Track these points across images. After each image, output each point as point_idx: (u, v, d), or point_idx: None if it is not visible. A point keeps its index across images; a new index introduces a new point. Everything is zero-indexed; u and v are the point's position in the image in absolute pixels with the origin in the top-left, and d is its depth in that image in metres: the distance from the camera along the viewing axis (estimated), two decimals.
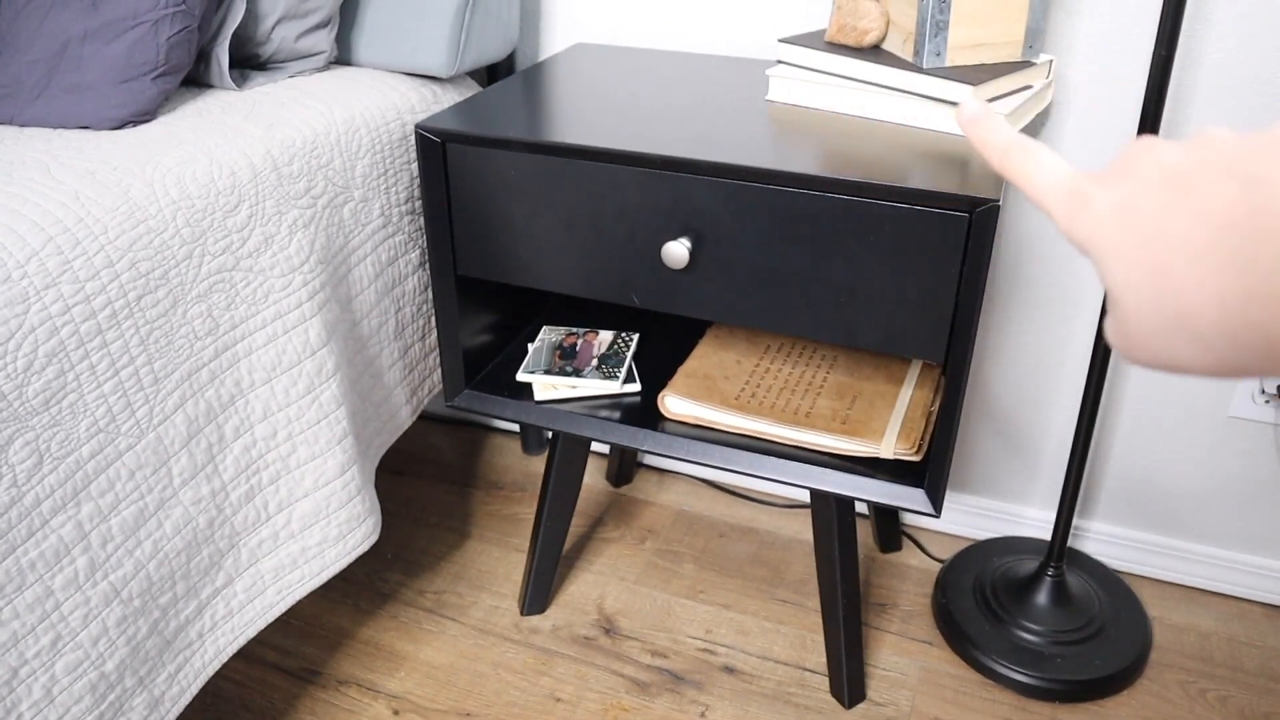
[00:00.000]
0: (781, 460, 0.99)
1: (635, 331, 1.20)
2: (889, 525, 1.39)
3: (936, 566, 1.37)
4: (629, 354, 1.13)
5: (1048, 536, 1.38)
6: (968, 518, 1.42)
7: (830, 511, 1.07)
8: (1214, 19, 1.04)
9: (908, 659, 1.23)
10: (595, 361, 1.12)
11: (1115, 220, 0.33)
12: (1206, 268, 0.30)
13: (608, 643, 1.25)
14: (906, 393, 1.07)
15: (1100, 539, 1.36)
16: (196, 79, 1.06)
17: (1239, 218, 0.29)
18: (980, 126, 0.39)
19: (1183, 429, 1.26)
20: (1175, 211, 0.31)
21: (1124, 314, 0.33)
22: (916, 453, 0.98)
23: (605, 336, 1.17)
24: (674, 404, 1.05)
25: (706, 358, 1.12)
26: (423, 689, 1.18)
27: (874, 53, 0.98)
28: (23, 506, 0.71)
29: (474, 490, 1.53)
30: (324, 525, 0.98)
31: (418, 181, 1.12)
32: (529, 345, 1.17)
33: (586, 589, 1.33)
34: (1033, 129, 1.16)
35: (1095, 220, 0.34)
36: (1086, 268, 1.21)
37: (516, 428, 1.66)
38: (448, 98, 1.18)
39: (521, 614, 1.29)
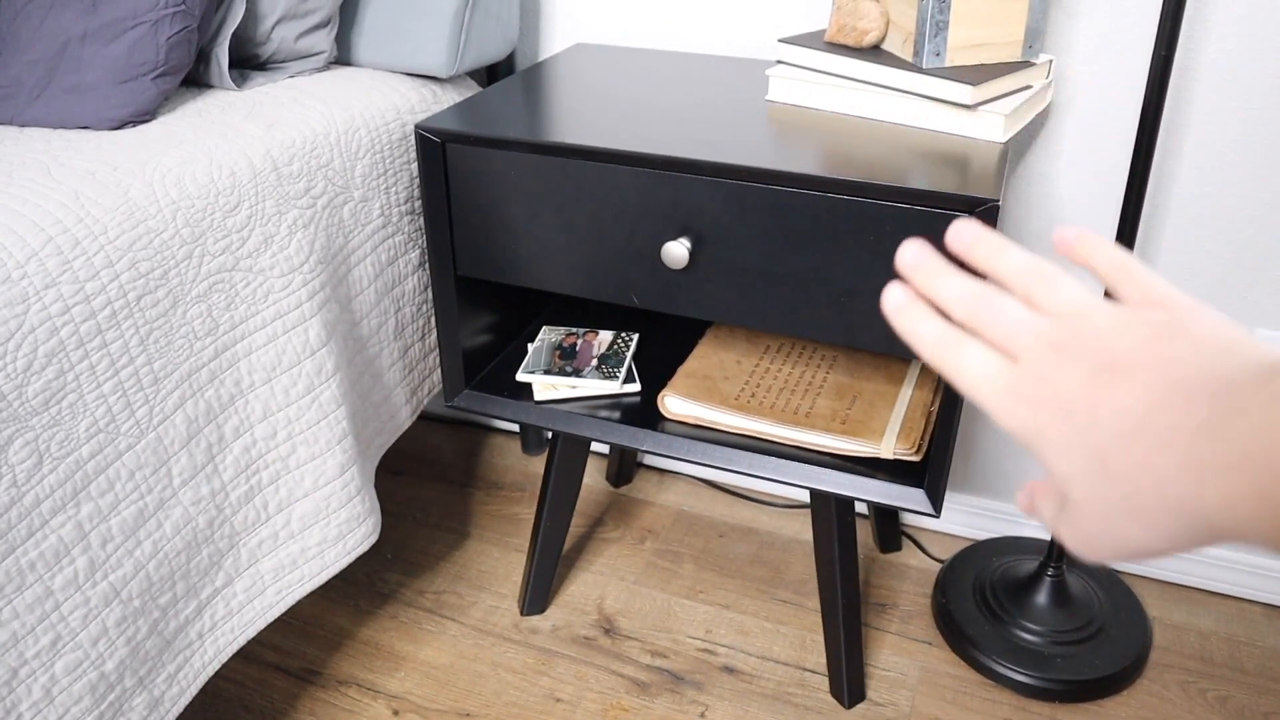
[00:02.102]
0: (781, 460, 0.99)
1: (635, 331, 1.20)
2: (889, 525, 1.39)
3: (936, 567, 1.37)
4: (629, 354, 1.13)
5: (1048, 536, 1.38)
6: (968, 518, 1.42)
7: (830, 512, 1.07)
8: (1214, 19, 1.04)
9: (908, 659, 1.23)
10: (595, 361, 1.12)
11: (1048, 412, 0.34)
12: (1140, 450, 0.31)
13: (608, 643, 1.25)
14: (906, 393, 1.07)
15: None
16: (196, 79, 1.06)
17: (1162, 398, 0.31)
18: (908, 316, 0.38)
19: None
20: (1104, 398, 0.32)
21: (1073, 507, 0.33)
22: (916, 453, 0.98)
23: (605, 336, 1.17)
24: (674, 404, 1.05)
25: (706, 358, 1.12)
26: (423, 689, 1.18)
27: (874, 53, 0.98)
28: (22, 506, 0.71)
29: (474, 490, 1.53)
30: (324, 525, 0.98)
31: (418, 182, 1.12)
32: (529, 345, 1.17)
33: (586, 589, 1.33)
34: (1033, 129, 1.16)
35: (1030, 413, 0.34)
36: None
37: (516, 428, 1.66)
38: (448, 98, 1.18)
39: (521, 614, 1.29)
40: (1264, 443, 0.27)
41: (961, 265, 0.76)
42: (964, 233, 0.39)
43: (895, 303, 0.38)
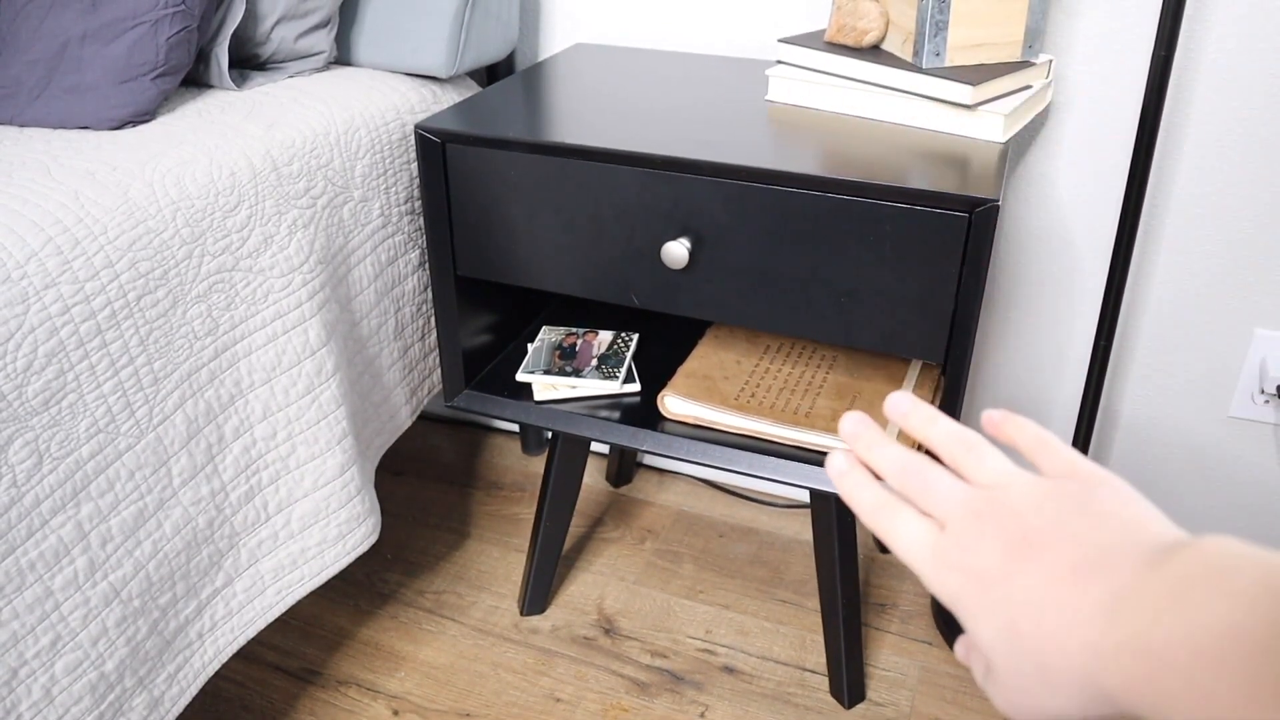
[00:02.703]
0: (781, 460, 0.99)
1: (635, 331, 1.20)
2: None
3: None
4: (629, 354, 1.13)
5: None
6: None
7: (830, 511, 1.07)
8: (1214, 19, 1.04)
9: (908, 659, 1.23)
10: (595, 361, 1.12)
11: (972, 581, 0.36)
12: (1048, 626, 0.33)
13: (607, 643, 1.25)
14: None
15: None
16: (196, 79, 1.06)
17: (1064, 576, 0.33)
18: (848, 482, 0.41)
19: (1183, 429, 1.26)
20: (1016, 572, 0.34)
21: (995, 672, 0.36)
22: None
23: (605, 336, 1.17)
24: (674, 404, 1.05)
25: (706, 358, 1.12)
26: (422, 689, 1.18)
27: (874, 53, 0.98)
28: (22, 507, 0.71)
29: (474, 490, 1.53)
30: (324, 525, 0.98)
31: (417, 182, 1.12)
32: (529, 345, 1.17)
33: (586, 589, 1.33)
34: (1032, 129, 1.16)
35: (956, 581, 0.37)
36: (1086, 268, 1.21)
37: (516, 428, 1.66)
38: (447, 98, 1.18)
39: (521, 614, 1.29)
40: (1155, 631, 0.29)
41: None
42: (899, 404, 0.42)
43: (838, 469, 0.42)
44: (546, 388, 1.08)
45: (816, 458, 1.00)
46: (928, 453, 0.78)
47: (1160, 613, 0.29)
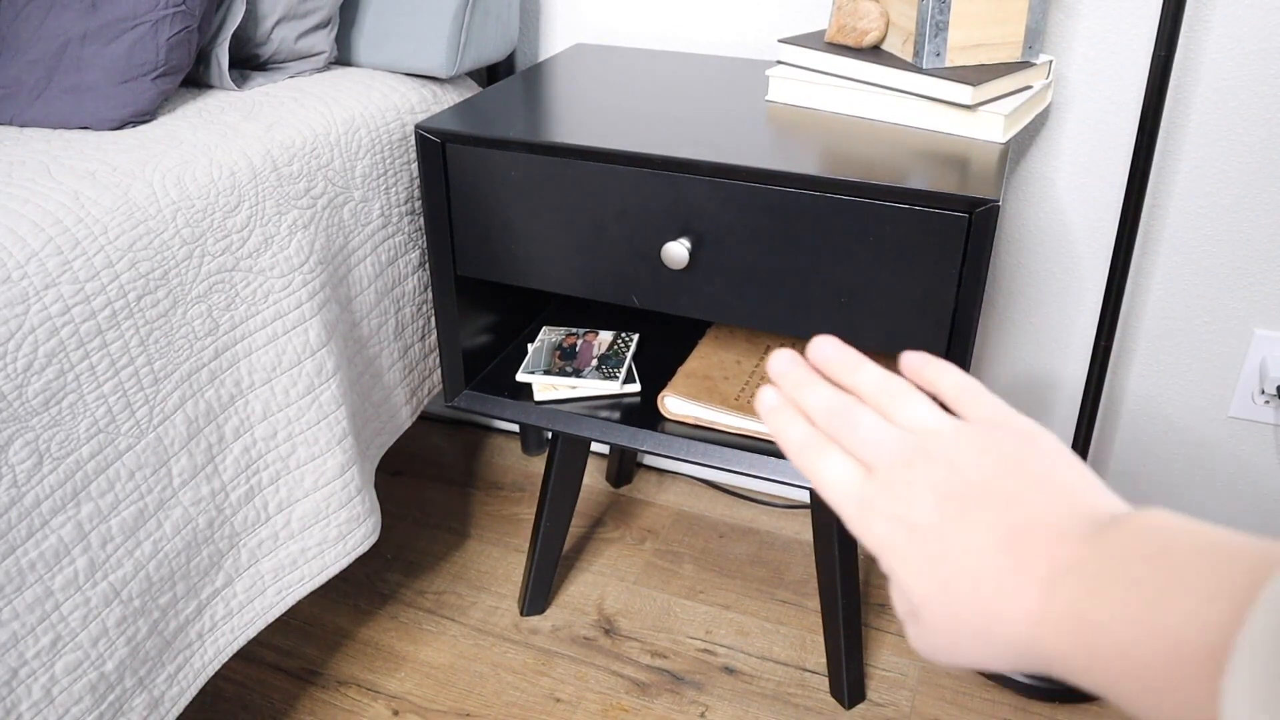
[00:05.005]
0: (781, 460, 0.99)
1: (635, 332, 1.20)
2: None
3: None
4: (629, 354, 1.13)
5: None
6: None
7: (830, 512, 1.07)
8: (1213, 19, 1.04)
9: (908, 659, 1.23)
10: (595, 362, 1.12)
11: (901, 531, 0.35)
12: (986, 591, 0.33)
13: (607, 643, 1.25)
14: None
15: None
16: (196, 79, 1.06)
17: (1004, 542, 0.33)
18: (778, 419, 0.41)
19: (1183, 429, 1.26)
20: (952, 531, 0.34)
21: (924, 622, 0.35)
22: None
23: (605, 337, 1.17)
24: (674, 404, 1.05)
25: (706, 358, 1.12)
26: (422, 689, 1.18)
27: (874, 53, 0.98)
28: (22, 507, 0.71)
29: (474, 491, 1.53)
30: (324, 526, 0.98)
31: (418, 182, 1.12)
32: (529, 346, 1.17)
33: (586, 589, 1.33)
34: (1032, 129, 1.16)
35: (884, 529, 0.36)
36: (1086, 268, 1.21)
37: (516, 428, 1.66)
38: (448, 98, 1.18)
39: (521, 614, 1.29)
40: (1093, 605, 0.29)
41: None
42: (822, 349, 0.41)
43: (768, 405, 0.41)
44: (546, 388, 1.08)
45: None
46: None
47: (1099, 586, 0.29)
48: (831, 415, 0.39)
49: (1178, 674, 0.26)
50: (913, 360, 0.41)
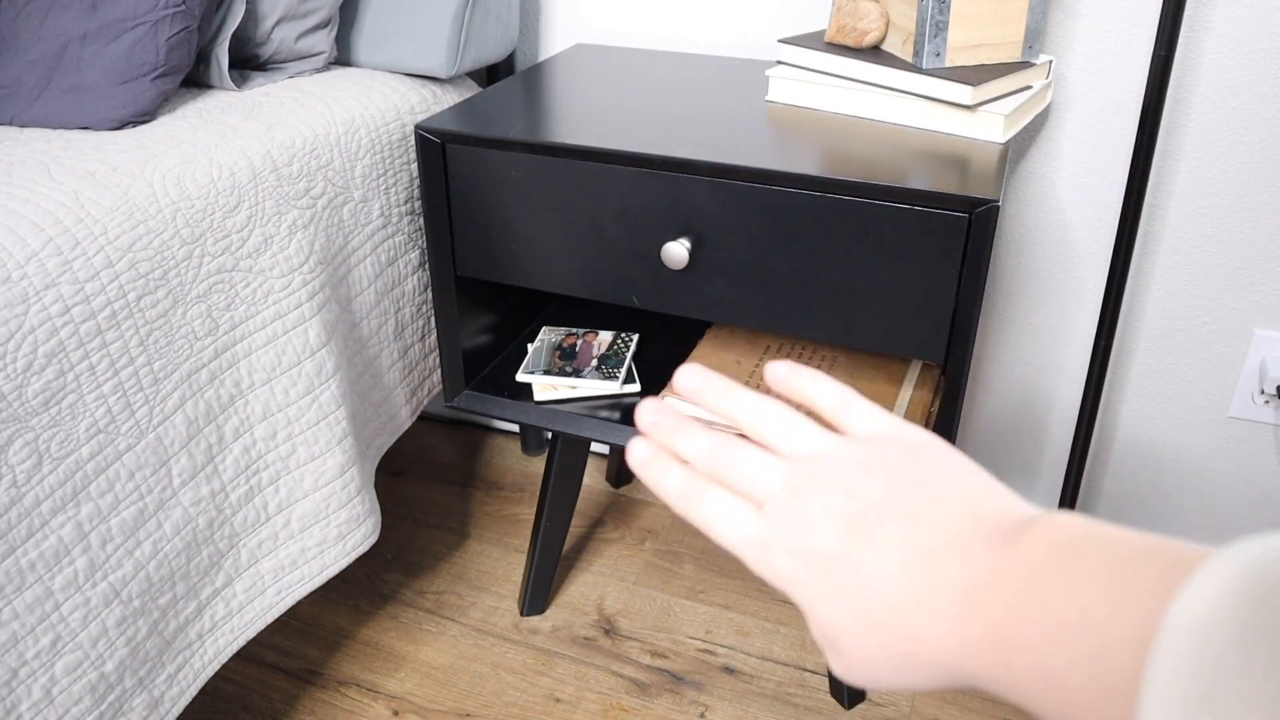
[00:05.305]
0: None
1: (635, 332, 1.20)
2: None
3: None
4: (629, 354, 1.13)
5: None
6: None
7: None
8: (1214, 19, 1.04)
9: None
10: (595, 362, 1.12)
11: (805, 564, 0.34)
12: (904, 615, 0.32)
13: (607, 643, 1.25)
14: (906, 393, 1.07)
15: None
16: (196, 79, 1.06)
17: (915, 564, 0.32)
18: (653, 470, 0.38)
19: (1183, 429, 1.26)
20: (859, 558, 0.33)
21: (844, 652, 0.34)
22: None
23: (605, 337, 1.17)
24: (674, 404, 1.04)
25: (706, 358, 1.12)
26: (422, 689, 1.18)
27: (874, 53, 0.98)
28: (22, 507, 0.71)
29: (474, 491, 1.53)
30: (324, 526, 0.98)
31: (417, 182, 1.12)
32: (529, 346, 1.17)
33: (586, 589, 1.33)
34: (1032, 129, 1.16)
35: (786, 564, 0.35)
36: (1086, 268, 1.21)
37: (516, 428, 1.66)
38: (447, 98, 1.18)
39: (521, 614, 1.29)
40: (1009, 620, 0.29)
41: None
42: (688, 379, 0.39)
43: (640, 457, 0.39)
44: (546, 388, 1.08)
45: None
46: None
47: (1014, 600, 0.29)
48: (708, 457, 0.37)
49: (1096, 690, 0.26)
50: (778, 372, 0.39)
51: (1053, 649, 0.27)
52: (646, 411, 0.39)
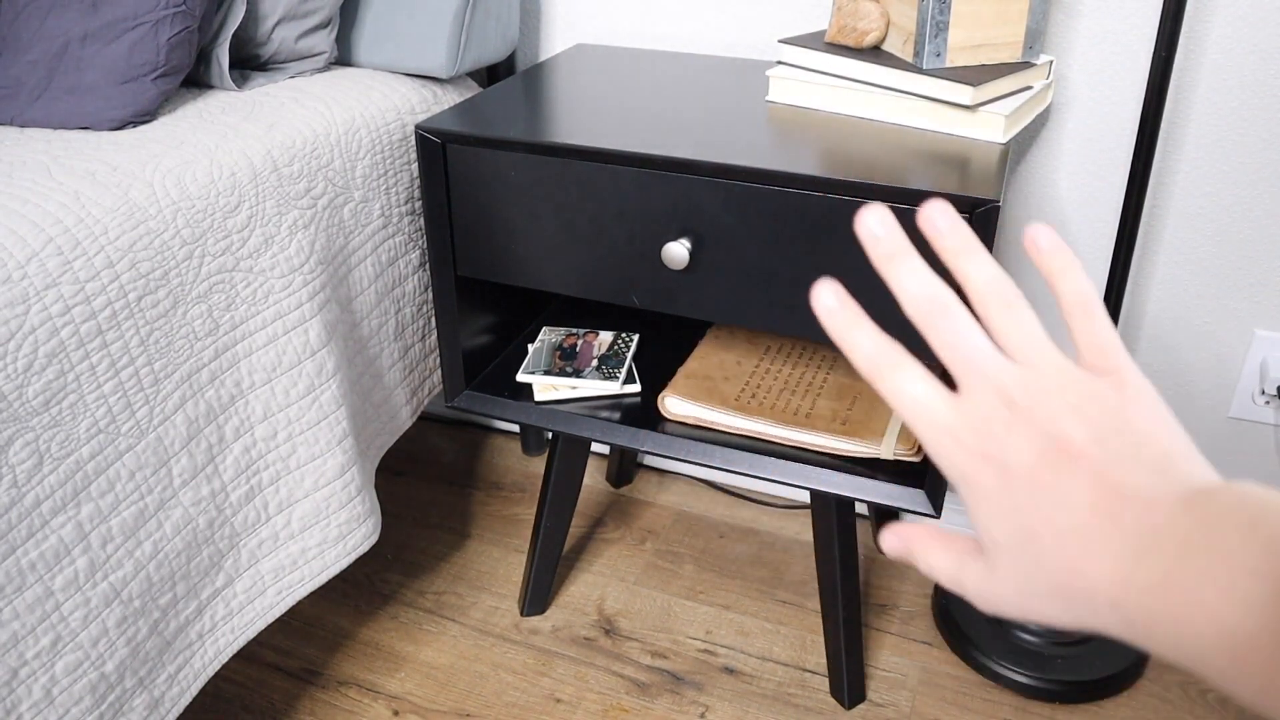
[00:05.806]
0: (781, 461, 0.99)
1: (635, 332, 1.20)
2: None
3: None
4: (629, 354, 1.13)
5: None
6: (968, 518, 1.42)
7: (830, 512, 1.07)
8: (1214, 19, 1.04)
9: (908, 660, 1.23)
10: (595, 362, 1.12)
11: (991, 471, 0.33)
12: (1074, 550, 0.32)
13: (608, 643, 1.25)
14: None
15: None
16: (197, 80, 1.06)
17: (1099, 502, 0.31)
18: (842, 321, 0.35)
19: (1183, 429, 1.26)
20: (1047, 483, 0.32)
21: (994, 572, 0.34)
22: (916, 453, 0.98)
23: (605, 337, 1.17)
24: (674, 405, 1.05)
25: (706, 358, 1.12)
26: (423, 690, 1.18)
27: (874, 54, 0.98)
28: (23, 507, 0.71)
29: (474, 491, 1.53)
30: (324, 526, 0.98)
31: (418, 182, 1.12)
32: (529, 346, 1.17)
33: (586, 590, 1.33)
34: (1033, 129, 1.16)
35: (971, 464, 0.34)
36: (1087, 268, 1.21)
37: (516, 428, 1.66)
38: (448, 98, 1.18)
39: (521, 615, 1.29)
40: (1183, 571, 0.29)
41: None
42: (937, 218, 0.35)
43: (827, 305, 0.35)
44: (547, 388, 1.08)
45: (816, 458, 1.00)
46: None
47: (1189, 554, 0.29)
48: (932, 311, 0.34)
49: (1268, 638, 0.26)
50: (1040, 242, 0.36)
51: (1227, 602, 0.27)
52: (873, 220, 0.35)
